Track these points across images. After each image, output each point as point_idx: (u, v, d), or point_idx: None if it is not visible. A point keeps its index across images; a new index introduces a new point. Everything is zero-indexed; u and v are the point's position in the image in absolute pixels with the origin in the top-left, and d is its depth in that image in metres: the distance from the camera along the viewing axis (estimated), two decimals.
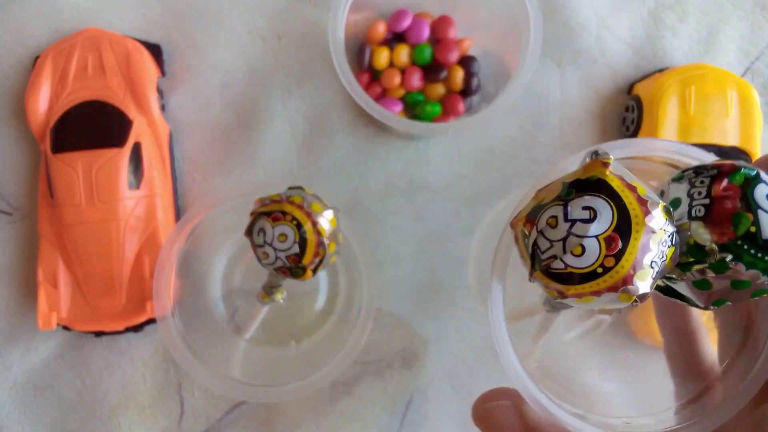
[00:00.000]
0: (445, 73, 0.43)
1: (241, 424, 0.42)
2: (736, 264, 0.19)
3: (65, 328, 0.40)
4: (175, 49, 0.44)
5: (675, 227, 0.19)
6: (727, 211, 0.19)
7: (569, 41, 0.46)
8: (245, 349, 0.42)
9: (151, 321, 0.41)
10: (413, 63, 0.43)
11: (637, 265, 0.18)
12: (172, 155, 0.43)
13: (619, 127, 0.46)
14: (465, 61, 0.43)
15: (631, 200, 0.18)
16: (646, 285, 0.18)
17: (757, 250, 0.19)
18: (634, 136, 0.44)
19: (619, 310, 0.27)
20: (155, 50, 0.43)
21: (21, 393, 0.42)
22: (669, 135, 0.42)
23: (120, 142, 0.39)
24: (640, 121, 0.43)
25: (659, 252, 0.18)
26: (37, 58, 0.41)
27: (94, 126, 0.40)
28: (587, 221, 0.18)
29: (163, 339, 0.36)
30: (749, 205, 0.19)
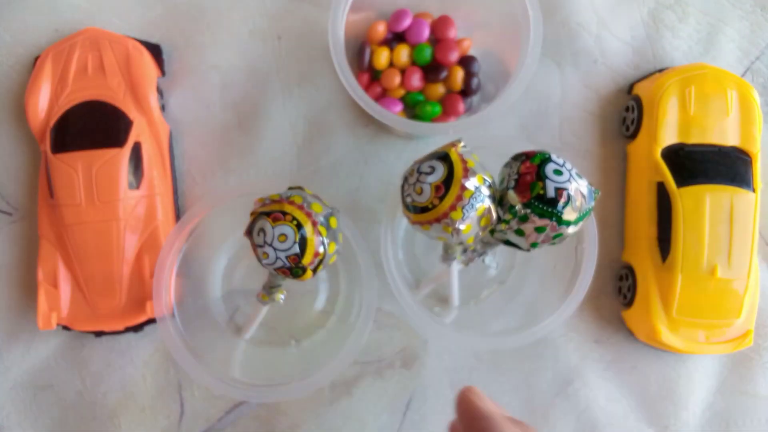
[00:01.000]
0: (445, 73, 0.43)
1: (241, 425, 0.42)
2: (533, 215, 0.29)
3: (65, 328, 0.40)
4: (175, 49, 0.44)
5: (490, 192, 0.29)
6: (527, 181, 0.29)
7: (569, 41, 0.46)
8: (245, 349, 0.42)
9: (151, 321, 0.41)
10: (413, 63, 0.43)
11: (453, 207, 0.28)
12: (172, 155, 0.43)
13: (619, 127, 0.46)
14: (465, 61, 0.43)
15: (459, 168, 0.29)
16: (458, 221, 0.29)
17: (545, 204, 0.29)
18: (634, 135, 0.44)
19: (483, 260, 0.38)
20: (155, 50, 0.43)
21: (21, 393, 0.42)
22: (669, 134, 0.42)
23: (120, 142, 0.39)
24: (640, 121, 0.43)
25: (470, 203, 0.28)
26: (37, 58, 0.41)
27: (94, 126, 0.40)
28: (427, 174, 0.29)
29: (162, 338, 0.37)
30: (541, 176, 0.29)
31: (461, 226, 0.29)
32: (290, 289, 0.37)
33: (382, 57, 0.42)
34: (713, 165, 0.41)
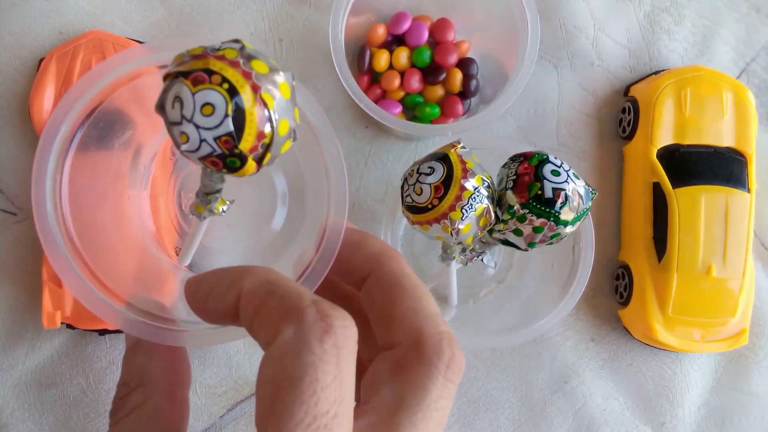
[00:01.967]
0: (444, 75, 0.43)
1: (243, 422, 0.42)
2: (530, 215, 0.29)
3: (69, 326, 0.41)
4: None
5: (488, 192, 0.30)
6: (525, 182, 0.30)
7: (566, 44, 0.46)
8: (183, 279, 0.28)
9: None
10: (412, 65, 0.44)
11: (452, 207, 0.29)
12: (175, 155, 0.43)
13: (616, 128, 0.46)
14: (463, 64, 0.44)
15: (458, 168, 0.29)
16: (458, 221, 0.29)
17: (542, 204, 0.29)
18: (630, 136, 0.44)
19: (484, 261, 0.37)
20: None
21: (25, 391, 0.42)
22: (664, 136, 0.42)
23: (123, 144, 0.40)
24: (636, 122, 0.43)
25: (469, 203, 0.29)
26: (42, 60, 0.42)
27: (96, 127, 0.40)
28: (427, 174, 0.29)
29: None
30: (538, 177, 0.29)
31: (460, 226, 0.29)
32: (238, 203, 0.28)
33: (382, 59, 0.43)
34: (708, 166, 0.42)
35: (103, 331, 0.41)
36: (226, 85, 0.20)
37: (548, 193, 0.29)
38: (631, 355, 0.45)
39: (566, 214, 0.29)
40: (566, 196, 0.29)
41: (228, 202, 0.27)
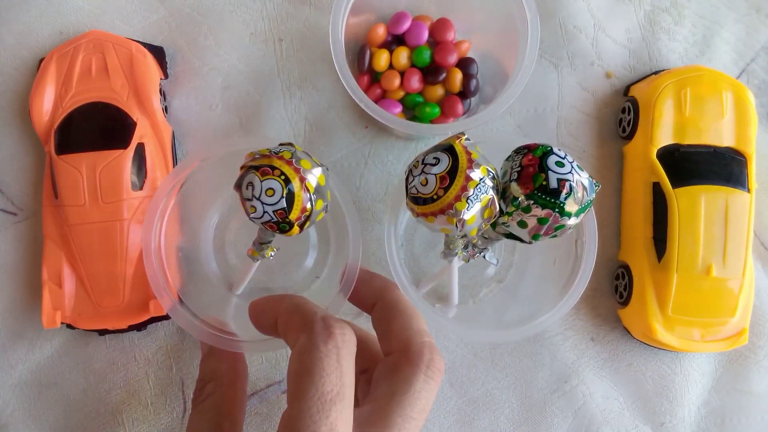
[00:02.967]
0: (444, 75, 0.43)
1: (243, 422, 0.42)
2: (535, 206, 0.29)
3: (69, 326, 0.41)
4: (178, 51, 0.45)
5: (493, 183, 0.30)
6: (529, 173, 0.29)
7: (566, 43, 0.46)
8: (236, 305, 0.42)
9: (155, 319, 0.41)
10: (412, 65, 0.44)
11: (457, 198, 0.29)
12: (175, 156, 0.43)
13: (615, 128, 0.46)
14: (463, 63, 0.44)
15: (464, 159, 0.29)
16: (463, 212, 0.29)
17: (547, 195, 0.29)
18: (630, 137, 0.44)
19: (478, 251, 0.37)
20: (158, 52, 0.43)
21: (26, 390, 0.42)
22: (664, 135, 0.42)
23: (124, 144, 0.40)
24: (636, 122, 0.44)
25: (474, 194, 0.29)
26: (42, 60, 0.42)
27: (97, 127, 0.40)
28: (432, 165, 0.29)
29: (150, 276, 0.35)
30: (543, 168, 0.29)
31: (465, 217, 0.29)
32: (282, 248, 0.37)
33: (382, 59, 0.43)
34: (708, 166, 0.42)
35: (103, 332, 0.41)
36: (282, 177, 0.30)
37: (553, 184, 0.29)
38: (631, 354, 0.45)
39: (570, 206, 0.29)
40: (571, 187, 0.29)
41: (275, 249, 0.36)
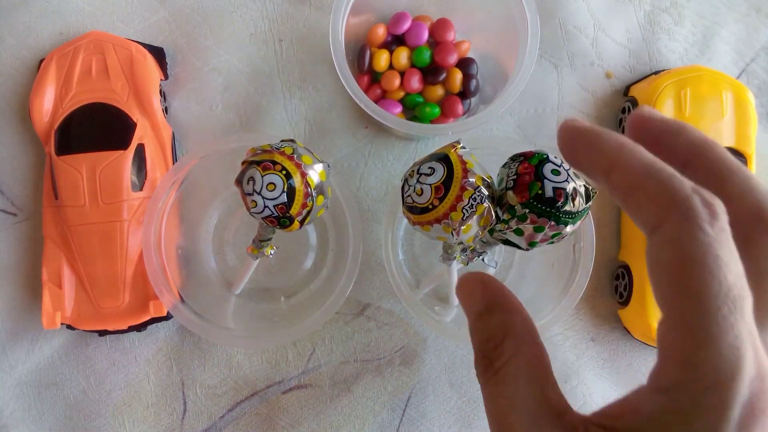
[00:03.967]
0: (444, 75, 0.43)
1: (243, 422, 0.42)
2: (531, 214, 0.29)
3: (69, 327, 0.41)
4: (178, 52, 0.45)
5: (488, 192, 0.29)
6: (525, 181, 0.29)
7: (566, 44, 0.46)
8: (235, 303, 0.42)
9: (155, 320, 0.41)
10: (412, 65, 0.44)
11: (452, 208, 0.28)
12: (175, 157, 0.43)
13: (615, 129, 0.46)
14: (463, 64, 0.44)
15: (459, 168, 0.29)
16: (458, 222, 0.28)
17: (543, 204, 0.28)
18: None
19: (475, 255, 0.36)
20: (158, 53, 0.43)
21: (25, 391, 0.42)
22: None
23: (124, 144, 0.40)
24: None
25: (469, 203, 0.28)
26: (42, 61, 0.42)
27: (98, 128, 0.40)
28: (428, 175, 0.29)
29: (170, 310, 0.37)
30: (539, 176, 0.29)
31: (461, 226, 0.29)
32: (281, 248, 0.37)
33: (382, 59, 0.43)
34: None
35: (103, 332, 0.41)
36: (284, 172, 0.30)
37: (549, 193, 0.29)
38: (631, 354, 0.45)
39: (567, 214, 0.29)
40: (567, 196, 0.29)
41: (275, 248, 0.36)
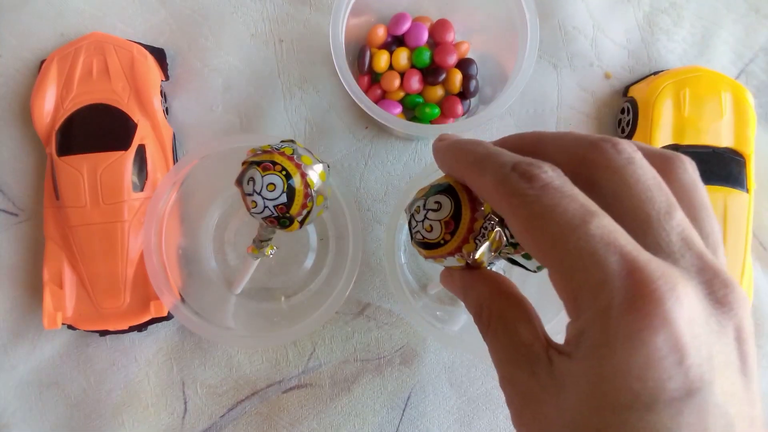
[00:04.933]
0: (444, 75, 0.43)
1: (243, 421, 0.42)
2: None
3: (70, 327, 0.41)
4: (179, 53, 0.45)
5: (498, 218, 0.28)
6: None
7: (565, 44, 0.47)
8: (236, 303, 0.43)
9: (156, 320, 0.41)
10: (412, 66, 0.44)
11: (465, 240, 0.28)
12: (176, 157, 0.43)
13: (615, 129, 0.46)
14: (463, 64, 0.44)
15: (465, 199, 0.27)
16: (471, 253, 0.28)
17: None
18: (629, 137, 0.44)
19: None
20: (159, 54, 0.44)
21: (26, 391, 0.42)
22: (664, 136, 0.42)
23: (124, 145, 0.40)
24: (635, 123, 0.44)
25: (481, 233, 0.28)
26: (43, 61, 0.42)
27: (98, 129, 0.40)
28: (435, 210, 0.28)
29: (170, 309, 0.37)
30: None
31: (475, 256, 0.29)
32: (281, 248, 0.37)
33: (382, 60, 0.43)
34: (707, 166, 0.42)
35: (104, 332, 0.41)
36: (284, 172, 0.30)
37: None
38: None
39: None
40: None
41: (275, 248, 0.36)
